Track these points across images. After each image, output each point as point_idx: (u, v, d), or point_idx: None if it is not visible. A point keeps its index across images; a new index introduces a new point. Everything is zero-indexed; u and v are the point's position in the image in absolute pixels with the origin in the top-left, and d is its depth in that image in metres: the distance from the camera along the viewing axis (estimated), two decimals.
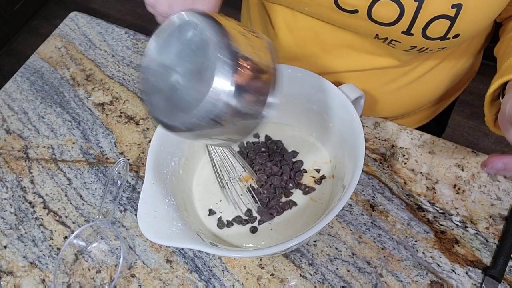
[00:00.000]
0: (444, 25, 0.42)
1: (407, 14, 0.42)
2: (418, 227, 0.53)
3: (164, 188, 0.46)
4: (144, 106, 0.52)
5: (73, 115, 0.67)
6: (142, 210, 0.42)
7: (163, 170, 0.47)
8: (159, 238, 0.40)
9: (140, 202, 0.43)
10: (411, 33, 0.44)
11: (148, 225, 0.41)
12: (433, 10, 0.41)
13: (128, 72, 0.70)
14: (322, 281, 0.50)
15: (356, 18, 0.46)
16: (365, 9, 0.44)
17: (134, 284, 0.52)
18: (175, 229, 0.42)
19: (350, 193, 0.39)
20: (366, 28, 0.47)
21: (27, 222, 0.58)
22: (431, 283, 0.49)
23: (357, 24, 0.47)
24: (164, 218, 0.43)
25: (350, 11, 0.45)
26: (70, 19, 0.78)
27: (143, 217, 0.42)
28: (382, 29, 0.45)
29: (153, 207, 0.43)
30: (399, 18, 0.43)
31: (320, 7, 0.47)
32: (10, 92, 0.70)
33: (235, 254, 0.43)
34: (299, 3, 0.49)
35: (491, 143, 1.45)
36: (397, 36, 0.45)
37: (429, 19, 0.42)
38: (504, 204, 0.53)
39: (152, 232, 0.41)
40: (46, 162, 0.62)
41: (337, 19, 0.48)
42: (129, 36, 0.75)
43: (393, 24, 0.44)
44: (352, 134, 0.45)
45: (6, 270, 0.54)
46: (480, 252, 0.51)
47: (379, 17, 0.44)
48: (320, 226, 0.38)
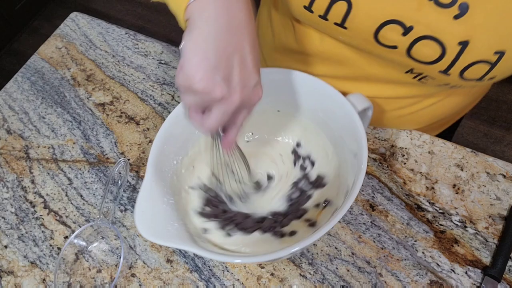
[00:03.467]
0: (483, 69, 0.41)
1: (448, 56, 0.41)
2: (417, 227, 0.53)
3: (164, 187, 0.46)
4: None
5: (74, 115, 0.67)
6: (139, 207, 0.42)
7: (164, 168, 0.47)
8: (154, 236, 0.40)
9: (138, 199, 0.43)
10: (448, 73, 0.43)
11: (144, 223, 0.41)
12: (475, 55, 0.40)
13: (129, 72, 0.71)
14: (322, 281, 0.50)
15: (393, 53, 0.44)
16: (404, 47, 0.43)
17: (135, 283, 0.52)
18: (170, 228, 0.42)
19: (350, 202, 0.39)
20: (401, 62, 0.45)
21: (28, 222, 0.58)
22: (431, 283, 0.49)
23: (393, 58, 0.46)
24: (161, 216, 0.43)
25: (389, 46, 0.44)
26: (71, 20, 0.79)
27: (140, 214, 0.42)
28: (419, 66, 0.44)
29: (151, 205, 0.43)
30: (439, 58, 0.42)
31: (357, 39, 0.46)
32: (11, 92, 0.70)
33: (227, 259, 0.41)
34: (335, 32, 0.47)
35: (491, 143, 1.45)
36: (433, 74, 0.44)
37: (469, 63, 0.41)
38: (503, 204, 0.54)
39: (148, 229, 0.41)
40: (47, 162, 0.63)
41: (372, 50, 0.46)
42: (130, 37, 0.75)
43: (431, 64, 0.43)
44: (356, 144, 0.44)
45: (7, 269, 0.54)
46: (479, 252, 0.51)
47: (418, 56, 0.43)
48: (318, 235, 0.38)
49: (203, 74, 0.33)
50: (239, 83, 0.35)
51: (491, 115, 1.50)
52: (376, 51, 0.46)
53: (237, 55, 0.34)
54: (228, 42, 0.34)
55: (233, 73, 0.35)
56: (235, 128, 0.41)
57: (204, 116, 0.38)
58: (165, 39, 0.76)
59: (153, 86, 0.68)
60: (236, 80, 0.35)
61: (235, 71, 0.35)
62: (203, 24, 0.34)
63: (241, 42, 0.35)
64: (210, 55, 0.33)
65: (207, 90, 0.34)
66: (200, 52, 0.33)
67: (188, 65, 0.34)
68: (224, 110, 0.36)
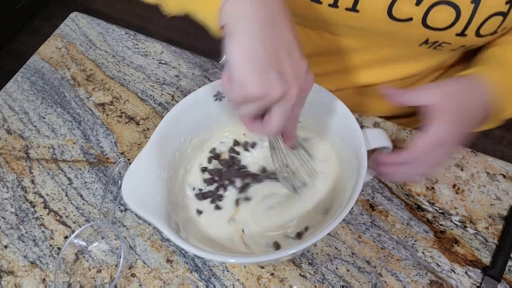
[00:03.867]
0: (497, 22, 0.42)
1: (463, 16, 0.41)
2: (417, 227, 0.53)
3: (162, 160, 0.46)
4: None
5: (74, 115, 0.67)
6: (131, 172, 0.43)
7: (168, 143, 0.48)
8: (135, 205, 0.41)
9: (132, 164, 0.44)
10: (465, 34, 0.43)
11: (130, 188, 0.42)
12: (488, 10, 0.41)
13: (129, 72, 0.71)
14: (322, 281, 0.50)
15: (409, 26, 0.44)
16: (420, 16, 0.43)
17: (135, 283, 0.52)
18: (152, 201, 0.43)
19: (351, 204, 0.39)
20: (416, 35, 0.45)
21: (28, 222, 0.58)
22: (431, 283, 0.49)
23: (407, 32, 0.45)
24: (149, 188, 0.44)
25: (404, 20, 0.44)
26: (71, 20, 0.79)
27: (129, 180, 0.43)
28: (434, 34, 0.44)
29: (143, 173, 0.44)
30: (454, 21, 0.42)
31: (370, 20, 0.45)
32: (11, 92, 0.70)
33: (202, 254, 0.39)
34: (345, 18, 0.46)
35: (491, 143, 1.45)
36: (450, 38, 0.44)
37: (484, 18, 0.41)
38: (503, 204, 0.54)
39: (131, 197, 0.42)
40: (47, 162, 0.63)
41: (386, 28, 0.46)
42: (130, 37, 0.75)
43: (447, 28, 0.43)
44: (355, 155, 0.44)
45: (7, 269, 0.54)
46: (479, 252, 0.51)
47: (434, 23, 0.43)
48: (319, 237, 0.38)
49: (258, 78, 0.32)
50: (293, 74, 0.33)
51: None
52: (389, 28, 0.45)
53: (283, 46, 0.33)
54: (273, 37, 0.32)
55: (284, 66, 0.33)
56: (293, 121, 0.39)
57: (265, 121, 0.36)
58: (165, 39, 0.76)
59: (153, 86, 0.68)
60: (289, 72, 0.33)
61: (286, 64, 0.33)
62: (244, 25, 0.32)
63: (284, 32, 0.33)
64: (260, 57, 0.32)
65: (266, 93, 0.32)
66: (248, 55, 0.32)
67: (240, 73, 0.32)
68: (285, 108, 0.34)
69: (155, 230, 0.56)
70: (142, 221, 0.56)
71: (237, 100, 0.34)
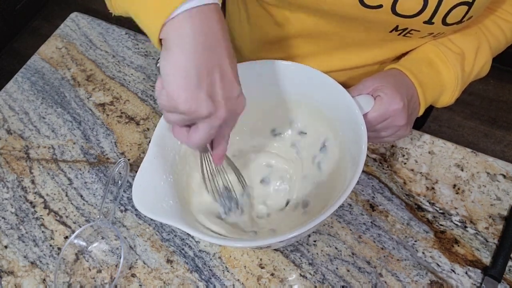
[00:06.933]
0: (462, 11, 0.44)
1: (430, 4, 0.44)
2: (417, 227, 0.53)
3: (164, 164, 0.46)
4: None
5: (74, 115, 0.67)
6: (138, 180, 0.43)
7: (167, 146, 0.48)
8: (147, 210, 0.41)
9: (138, 173, 0.44)
10: (432, 22, 0.46)
11: (140, 195, 0.42)
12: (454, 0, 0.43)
13: (129, 72, 0.71)
14: (322, 281, 0.50)
15: (378, 13, 0.46)
16: (389, 3, 0.45)
17: (135, 283, 0.52)
18: (165, 205, 0.43)
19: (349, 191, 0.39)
20: (386, 21, 0.48)
21: (28, 222, 0.58)
22: (431, 283, 0.49)
23: (377, 18, 0.48)
24: (158, 192, 0.44)
25: (374, 6, 0.46)
26: (71, 20, 0.79)
27: (138, 187, 0.43)
28: (403, 21, 0.47)
29: (150, 179, 0.44)
30: (422, 9, 0.44)
31: (342, 5, 0.47)
32: (11, 92, 0.70)
33: (220, 242, 0.42)
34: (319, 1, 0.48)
35: (491, 143, 1.45)
36: (418, 26, 0.47)
37: (450, 7, 0.44)
38: (503, 204, 0.54)
39: (142, 203, 0.42)
40: (47, 162, 0.63)
41: (358, 14, 0.48)
42: (130, 37, 0.75)
43: (415, 16, 0.45)
44: (356, 144, 0.45)
45: (7, 270, 0.54)
46: (479, 252, 0.51)
47: (403, 10, 0.45)
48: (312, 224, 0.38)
49: (188, 94, 0.33)
50: (223, 97, 0.35)
51: (491, 115, 1.51)
52: (361, 14, 0.47)
53: (217, 69, 0.35)
54: (207, 59, 0.34)
55: (216, 88, 0.35)
56: (223, 141, 0.41)
57: (191, 132, 0.37)
58: None
59: (153, 86, 0.69)
60: (220, 94, 0.35)
61: (217, 86, 0.35)
62: (181, 43, 0.33)
63: (220, 56, 0.35)
64: (191, 74, 0.33)
65: (193, 110, 0.34)
66: (182, 72, 0.33)
67: (171, 86, 0.34)
68: (211, 125, 0.36)
69: (155, 230, 0.56)
70: (142, 221, 0.56)
71: (165, 107, 0.35)
